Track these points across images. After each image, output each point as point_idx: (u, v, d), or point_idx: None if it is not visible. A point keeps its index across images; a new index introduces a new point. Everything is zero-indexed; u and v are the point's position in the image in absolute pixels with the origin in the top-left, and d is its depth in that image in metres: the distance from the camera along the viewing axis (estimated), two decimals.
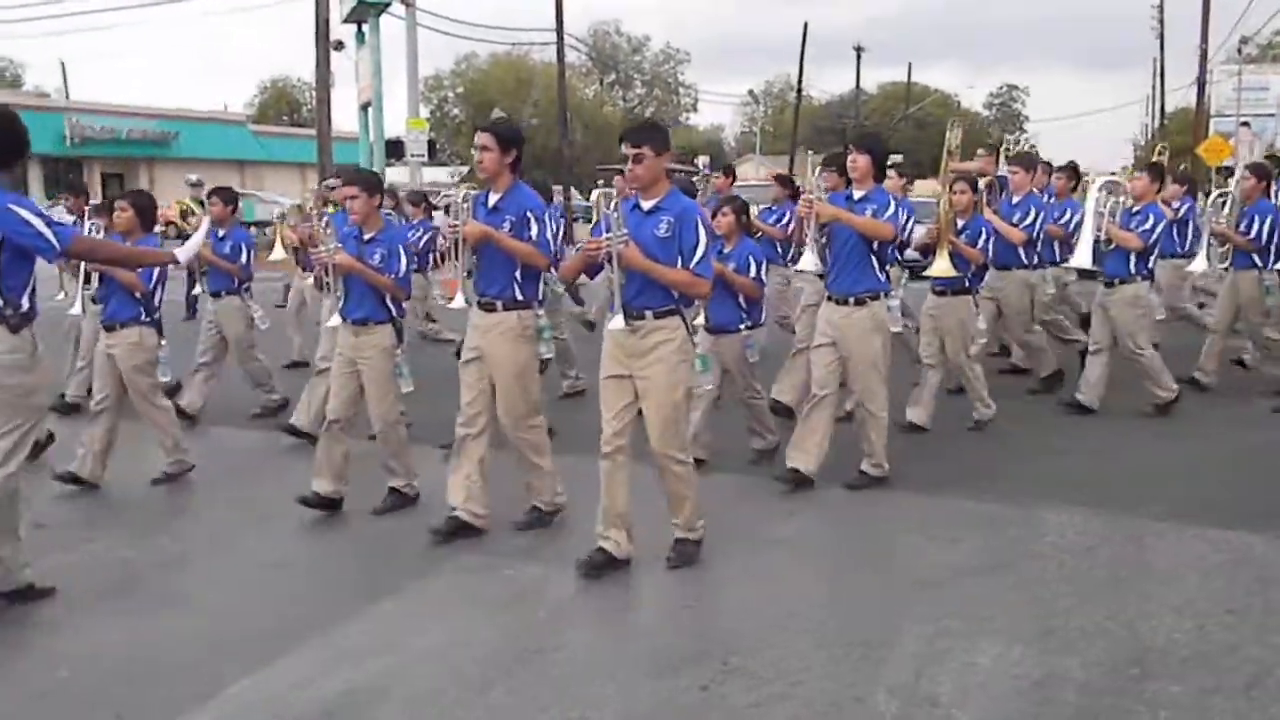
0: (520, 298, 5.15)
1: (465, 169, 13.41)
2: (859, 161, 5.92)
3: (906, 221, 6.03)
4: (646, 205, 4.70)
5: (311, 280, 8.15)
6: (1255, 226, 7.99)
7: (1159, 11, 42.97)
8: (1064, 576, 4.75)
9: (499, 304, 5.13)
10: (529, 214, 5.08)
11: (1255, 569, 4.74)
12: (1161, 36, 42.97)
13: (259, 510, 5.82)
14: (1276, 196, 8.73)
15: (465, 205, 5.22)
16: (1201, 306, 9.90)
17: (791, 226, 7.79)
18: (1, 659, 4.09)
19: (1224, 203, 7.99)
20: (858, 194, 5.96)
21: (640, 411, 4.71)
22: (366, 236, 5.66)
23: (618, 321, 4.62)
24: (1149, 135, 46.39)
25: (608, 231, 4.59)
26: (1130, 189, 7.47)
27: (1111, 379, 7.69)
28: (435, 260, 9.63)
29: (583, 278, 5.26)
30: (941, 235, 6.86)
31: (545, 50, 48.22)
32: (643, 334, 4.64)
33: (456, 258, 5.21)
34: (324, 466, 5.58)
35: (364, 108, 25.82)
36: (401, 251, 5.65)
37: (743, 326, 6.43)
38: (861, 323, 5.88)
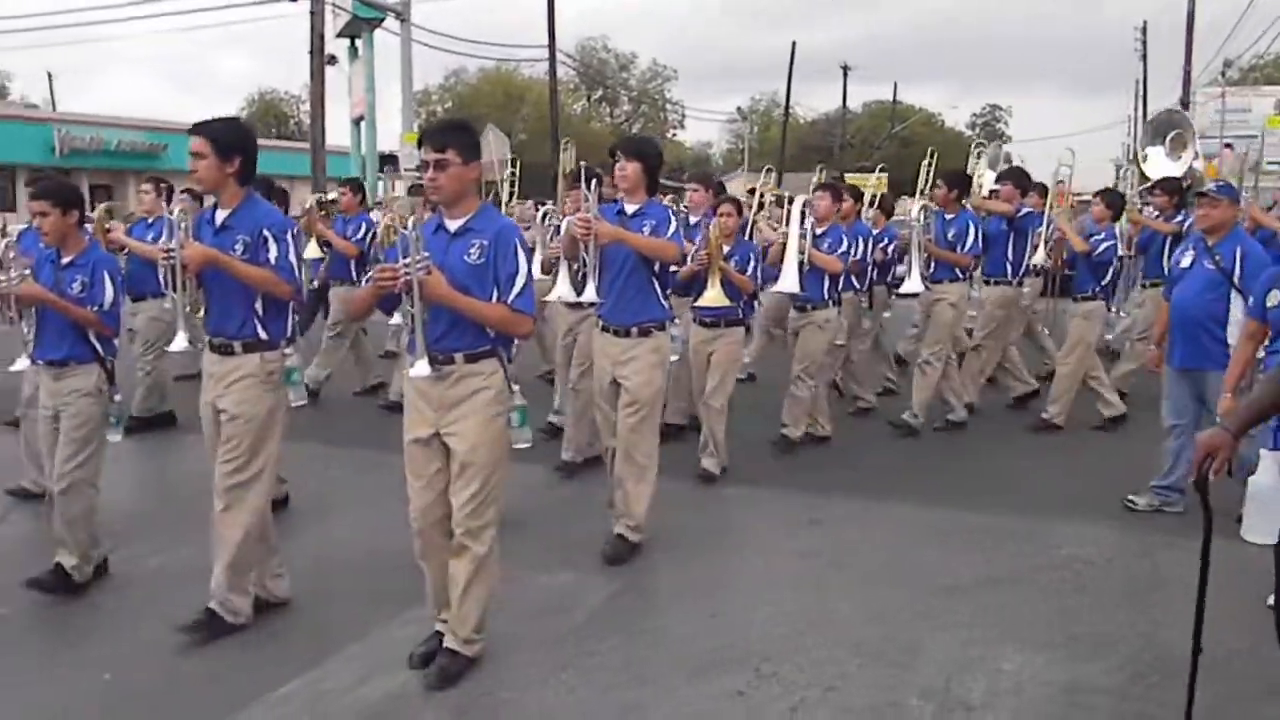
0: (264, 336, 4.27)
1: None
2: (629, 169, 5.13)
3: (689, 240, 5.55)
4: (453, 225, 3.86)
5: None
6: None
7: (1142, 34, 43.64)
8: (1082, 587, 4.88)
9: (236, 345, 4.25)
10: (265, 232, 4.21)
11: (1265, 580, 4.85)
12: (1145, 58, 43.60)
13: (293, 519, 5.83)
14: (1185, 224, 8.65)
15: (183, 224, 4.30)
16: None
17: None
18: (43, 663, 4.15)
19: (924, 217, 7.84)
20: (630, 208, 5.19)
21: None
22: (65, 260, 4.76)
23: (421, 367, 3.75)
24: (1130, 156, 46.89)
25: (405, 255, 3.69)
26: (816, 210, 7.22)
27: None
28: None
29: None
30: (712, 262, 6.40)
31: (534, 66, 48.53)
32: (452, 381, 3.80)
33: (174, 288, 4.28)
34: (63, 537, 4.73)
35: (356, 121, 25.93)
36: (108, 278, 4.73)
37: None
38: (645, 356, 5.16)
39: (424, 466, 3.87)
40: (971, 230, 7.78)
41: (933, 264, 7.79)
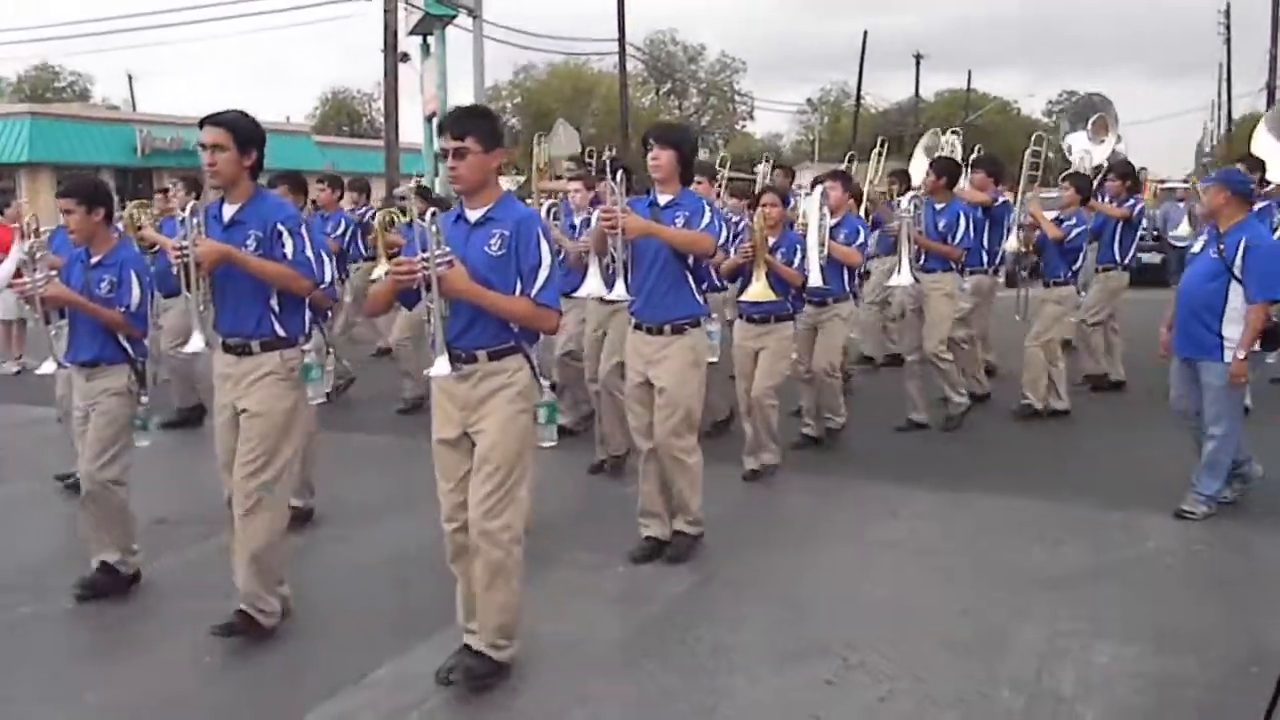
0: (282, 333, 4.17)
1: (522, 178, 13.58)
2: (661, 158, 4.90)
3: (724, 232, 5.17)
4: (473, 215, 3.74)
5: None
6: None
7: (1225, 17, 42.45)
8: (1173, 580, 4.81)
9: (254, 344, 4.15)
10: (279, 226, 4.10)
11: None
12: (1228, 41, 42.43)
13: (369, 509, 5.98)
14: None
15: (195, 220, 4.14)
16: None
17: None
18: (149, 647, 4.30)
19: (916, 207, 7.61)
20: (663, 199, 4.99)
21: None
22: (94, 260, 4.74)
23: (441, 365, 3.62)
24: (1214, 141, 45.67)
25: (424, 250, 3.56)
26: (829, 200, 6.84)
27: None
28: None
29: None
30: (756, 255, 6.13)
31: (602, 60, 48.67)
32: (475, 380, 3.69)
33: (189, 288, 4.13)
34: (98, 536, 4.74)
35: (429, 119, 26.21)
36: (134, 279, 4.68)
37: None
38: (678, 355, 4.95)
39: (453, 468, 3.76)
40: (963, 220, 7.60)
41: (923, 255, 7.58)
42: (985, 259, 8.21)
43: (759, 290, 6.09)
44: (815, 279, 6.40)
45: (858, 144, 45.28)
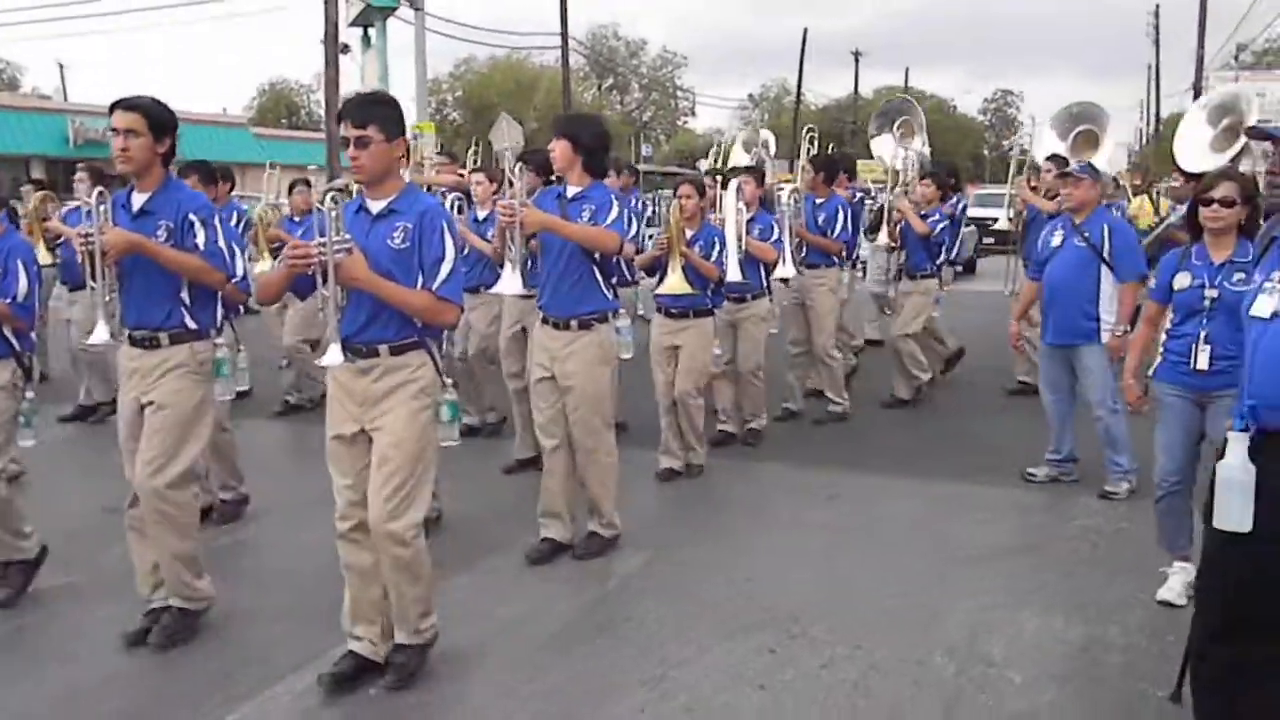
0: (193, 326, 4.05)
1: (463, 170, 13.49)
2: (557, 149, 4.80)
3: (632, 227, 4.95)
4: (376, 207, 3.64)
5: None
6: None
7: (1154, 18, 43.58)
8: (1097, 556, 5.07)
9: (162, 336, 4.02)
10: (192, 217, 3.97)
11: None
12: (1157, 42, 43.60)
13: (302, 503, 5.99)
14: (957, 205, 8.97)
15: (101, 207, 3.94)
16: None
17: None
18: (61, 648, 4.34)
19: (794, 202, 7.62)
20: (571, 191, 4.86)
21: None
22: None
23: (334, 355, 3.52)
24: (1144, 140, 46.86)
25: (321, 235, 3.45)
26: (743, 195, 6.77)
27: None
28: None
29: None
30: (672, 247, 5.98)
31: (543, 54, 48.67)
32: (376, 375, 3.60)
33: (94, 278, 3.95)
34: None
35: None
36: (21, 268, 4.47)
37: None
38: (585, 351, 4.90)
39: (350, 465, 3.65)
40: (841, 215, 7.74)
41: (804, 249, 7.58)
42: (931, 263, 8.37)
43: (674, 283, 5.94)
44: (734, 274, 6.31)
45: (796, 142, 45.96)
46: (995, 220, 12.11)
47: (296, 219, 8.26)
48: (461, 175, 8.64)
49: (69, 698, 3.74)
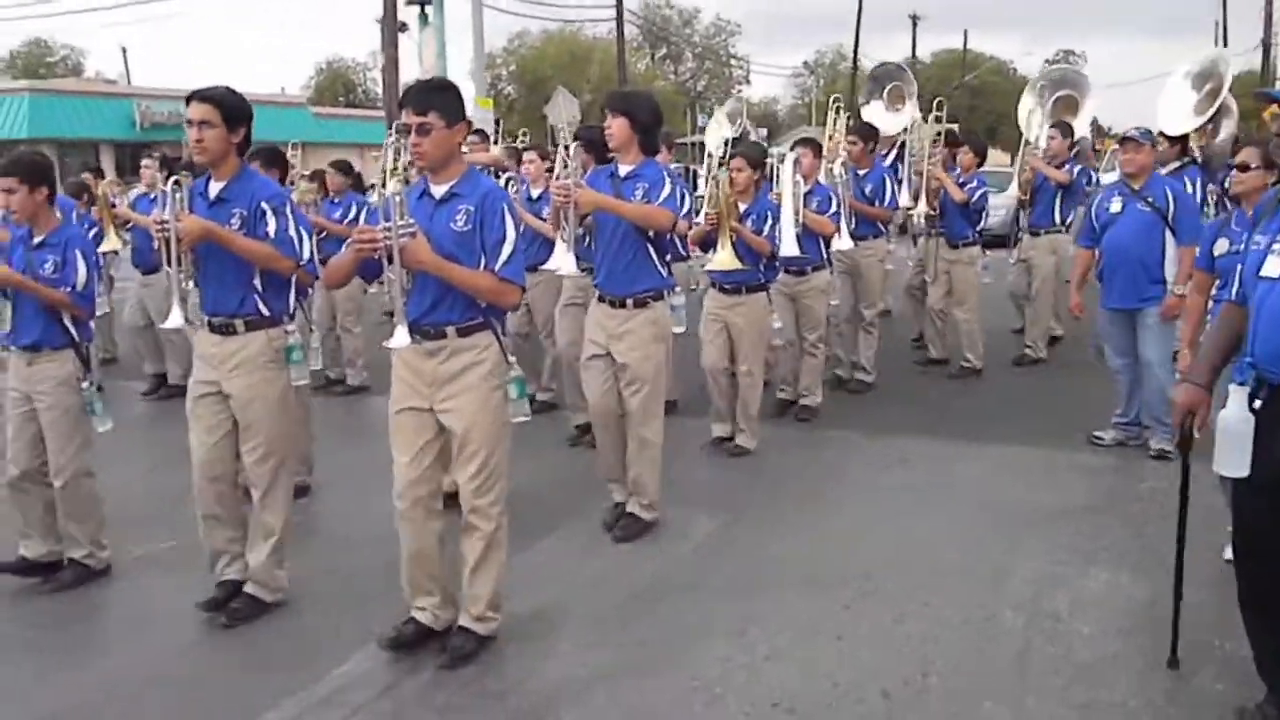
0: (266, 313, 4.14)
1: (519, 146, 13.47)
2: (614, 126, 4.78)
3: (685, 203, 4.90)
4: (438, 191, 3.72)
5: None
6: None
7: None
8: (1164, 515, 5.14)
9: (238, 323, 4.13)
10: (264, 205, 4.06)
11: None
12: None
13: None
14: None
15: (178, 195, 4.04)
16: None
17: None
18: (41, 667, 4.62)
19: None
20: (623, 169, 4.87)
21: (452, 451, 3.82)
22: (36, 240, 4.55)
23: (401, 336, 3.61)
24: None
25: (386, 220, 3.55)
26: (801, 168, 6.75)
27: None
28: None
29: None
30: (722, 222, 5.85)
31: (596, 26, 48.67)
32: (444, 357, 3.70)
33: (169, 263, 4.09)
34: (28, 527, 4.66)
35: None
36: (80, 258, 4.51)
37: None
38: (640, 330, 4.92)
39: (413, 437, 3.74)
40: (888, 183, 7.80)
41: (854, 220, 7.55)
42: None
43: (724, 259, 5.84)
44: (791, 248, 6.26)
45: (854, 107, 45.40)
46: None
47: (336, 199, 8.48)
48: (492, 151, 8.81)
49: (112, 686, 3.80)
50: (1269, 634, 3.26)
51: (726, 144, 9.65)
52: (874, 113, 10.62)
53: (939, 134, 8.99)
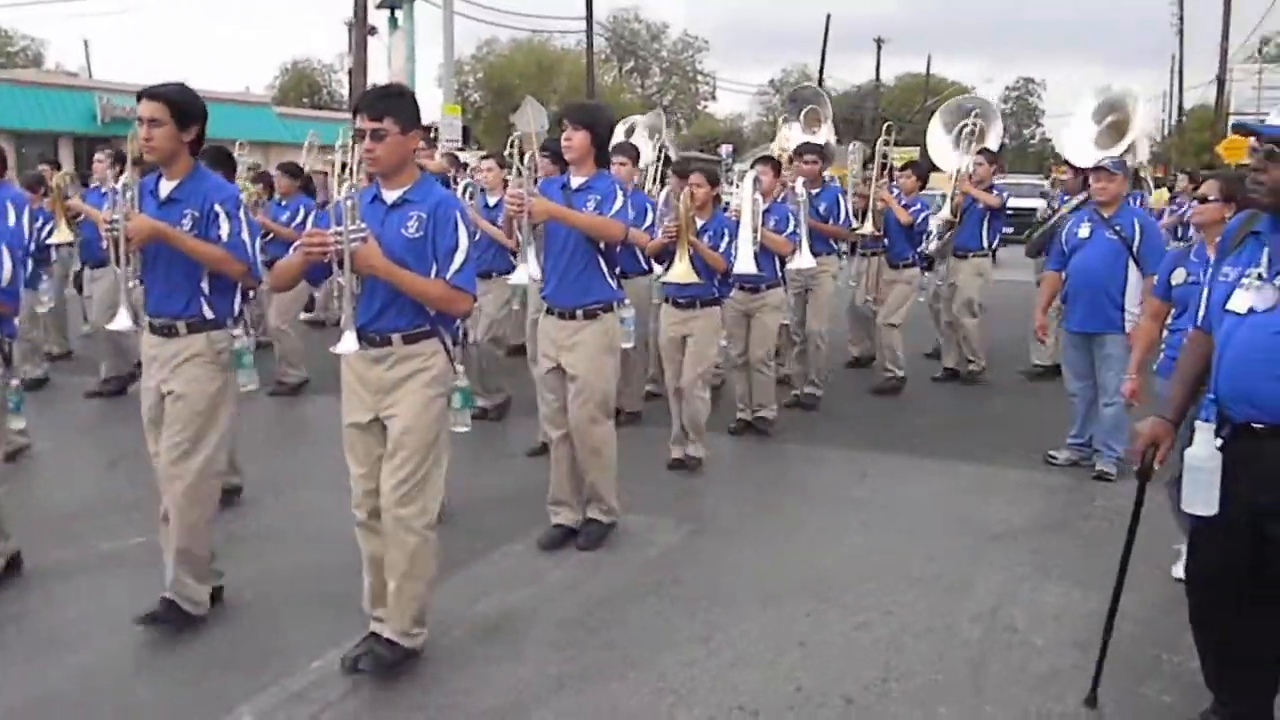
0: (210, 315, 4.05)
1: (483, 154, 13.50)
2: (574, 139, 4.79)
3: (648, 217, 4.76)
4: (390, 197, 3.68)
5: None
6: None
7: (1179, 8, 43.38)
8: (1115, 535, 5.28)
9: (180, 325, 4.03)
10: (218, 208, 3.96)
11: None
12: (1181, 32, 43.33)
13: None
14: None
15: (128, 194, 3.96)
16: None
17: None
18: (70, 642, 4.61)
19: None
20: (576, 181, 4.88)
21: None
22: None
23: (349, 342, 3.57)
24: (1166, 132, 46.74)
25: (338, 224, 3.51)
26: (760, 186, 6.82)
27: None
28: None
29: None
30: (680, 235, 5.86)
31: (565, 36, 48.79)
32: (390, 364, 3.66)
33: (118, 263, 4.02)
34: None
35: None
36: (5, 253, 4.36)
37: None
38: (591, 341, 4.90)
39: (365, 453, 3.72)
40: (841, 203, 7.97)
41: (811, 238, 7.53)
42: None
43: (681, 272, 5.84)
44: (747, 266, 6.30)
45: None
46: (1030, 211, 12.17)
47: (284, 202, 8.50)
48: (434, 158, 8.89)
49: (83, 680, 3.77)
50: (1216, 649, 3.38)
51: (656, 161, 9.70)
52: (791, 134, 10.69)
53: (909, 162, 9.19)
